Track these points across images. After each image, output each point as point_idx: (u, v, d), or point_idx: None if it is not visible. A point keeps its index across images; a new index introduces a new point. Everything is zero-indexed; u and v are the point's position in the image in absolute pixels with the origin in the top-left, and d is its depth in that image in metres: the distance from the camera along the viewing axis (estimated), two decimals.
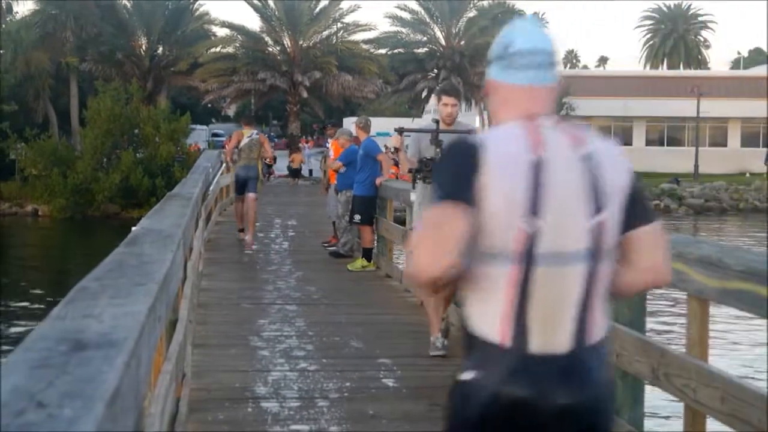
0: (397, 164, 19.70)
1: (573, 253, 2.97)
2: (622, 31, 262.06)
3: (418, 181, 9.50)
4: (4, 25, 67.56)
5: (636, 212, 3.15)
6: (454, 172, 2.96)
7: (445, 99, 9.44)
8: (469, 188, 2.91)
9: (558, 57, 3.21)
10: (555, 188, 2.95)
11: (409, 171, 9.60)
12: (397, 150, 10.27)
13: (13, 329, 21.72)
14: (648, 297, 6.50)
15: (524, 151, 2.96)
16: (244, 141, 18.56)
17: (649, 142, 74.36)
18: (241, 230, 19.20)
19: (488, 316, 3.00)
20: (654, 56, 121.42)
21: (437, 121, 9.41)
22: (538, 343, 2.97)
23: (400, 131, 10.05)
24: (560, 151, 3.00)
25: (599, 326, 3.06)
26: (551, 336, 2.97)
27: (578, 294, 3.00)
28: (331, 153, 18.26)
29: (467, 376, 3.11)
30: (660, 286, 3.39)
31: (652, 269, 3.21)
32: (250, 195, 18.39)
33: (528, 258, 2.93)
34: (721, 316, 17.59)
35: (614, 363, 6.13)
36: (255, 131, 19.09)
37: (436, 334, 9.35)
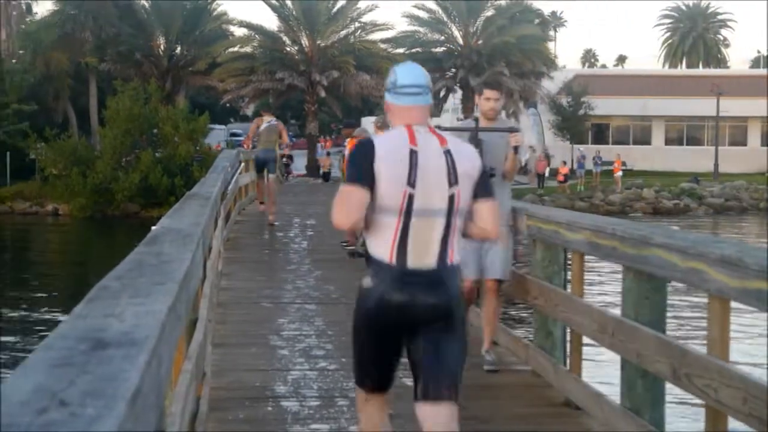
0: None
1: (436, 209, 4.69)
2: (640, 30, 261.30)
3: None
4: (23, 26, 67.81)
5: (479, 191, 4.84)
6: (357, 163, 4.71)
7: (488, 93, 8.85)
8: (367, 173, 4.63)
9: (429, 87, 4.97)
10: (425, 169, 4.67)
11: None
12: None
13: (35, 328, 21.79)
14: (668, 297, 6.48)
15: (405, 144, 4.71)
16: (263, 126, 20.96)
17: (668, 142, 74.17)
18: (262, 203, 22.51)
19: (382, 246, 4.72)
20: (673, 55, 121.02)
21: (477, 119, 8.82)
22: (413, 262, 4.68)
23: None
24: (429, 146, 4.75)
25: (455, 254, 4.77)
26: (422, 259, 4.68)
27: (439, 234, 4.70)
28: (347, 152, 18.29)
29: (367, 283, 4.77)
30: (489, 239, 5.56)
31: (484, 228, 4.90)
32: (271, 176, 20.92)
33: (407, 212, 4.66)
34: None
35: (636, 362, 6.12)
36: (273, 118, 21.44)
37: (487, 347, 8.92)
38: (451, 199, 4.69)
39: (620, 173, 58.32)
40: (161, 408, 2.99)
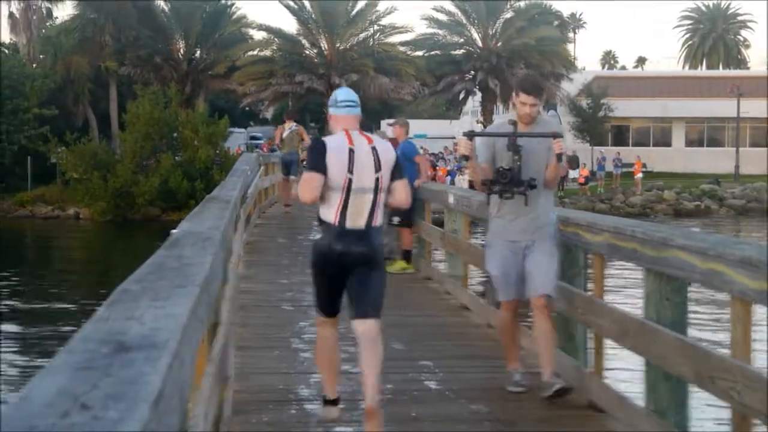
0: (434, 166, 19.62)
1: (367, 188, 6.60)
2: (660, 32, 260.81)
3: (493, 194, 7.80)
4: (44, 30, 68.09)
5: (395, 175, 6.75)
6: (315, 155, 6.61)
7: (524, 97, 7.83)
8: (321, 164, 6.53)
9: (358, 102, 6.96)
10: (359, 161, 6.59)
11: (483, 183, 7.80)
12: (466, 158, 8.00)
13: (57, 331, 21.85)
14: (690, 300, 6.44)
15: (345, 144, 6.62)
16: (286, 132, 23.61)
17: (688, 143, 73.97)
18: (287, 205, 24.87)
19: (330, 213, 6.61)
20: (693, 56, 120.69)
21: (515, 123, 7.80)
22: (350, 224, 6.58)
23: (471, 135, 8.02)
24: (361, 145, 6.66)
25: (378, 219, 6.67)
26: (356, 221, 6.58)
27: (368, 205, 6.61)
28: None
29: (318, 238, 6.80)
30: (402, 207, 7.45)
31: (397, 199, 6.82)
32: (292, 177, 23.66)
33: (347, 189, 6.55)
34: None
35: (658, 365, 6.08)
36: (294, 124, 24.10)
37: (515, 366, 7.96)
38: (377, 180, 6.66)
39: (640, 175, 58.18)
40: (184, 411, 2.99)
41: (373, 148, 6.68)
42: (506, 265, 7.93)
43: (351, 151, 6.58)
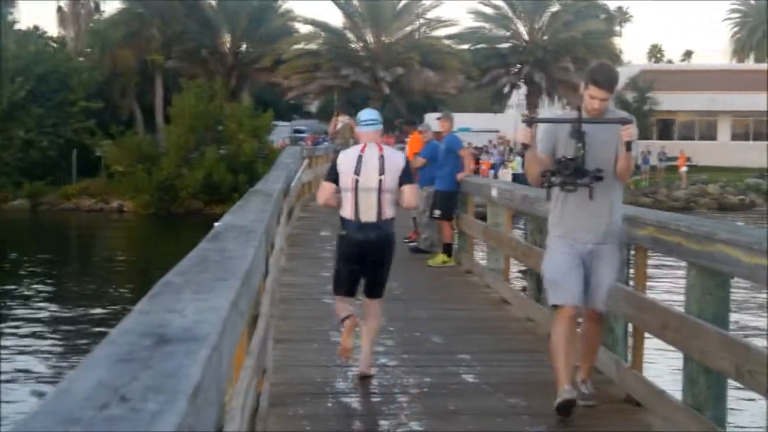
0: (477, 160, 19.60)
1: (372, 188, 7.97)
2: (708, 25, 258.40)
3: (553, 187, 7.15)
4: (91, 24, 68.49)
5: (402, 179, 8.11)
6: (330, 168, 8.37)
7: (594, 91, 6.98)
8: (333, 174, 8.19)
9: (379, 120, 8.41)
10: (365, 165, 8.02)
11: (542, 175, 7.11)
12: (526, 146, 7.28)
13: (99, 323, 22.02)
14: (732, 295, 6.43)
15: (357, 152, 8.13)
16: (339, 125, 24.77)
17: (734, 137, 73.24)
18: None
19: (346, 210, 8.07)
20: (740, 50, 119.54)
21: (579, 109, 7.12)
22: (364, 218, 7.99)
23: (531, 121, 7.39)
24: (371, 153, 8.08)
25: (388, 214, 8.06)
26: (368, 216, 7.98)
27: (375, 201, 7.99)
28: (406, 149, 18.46)
29: (342, 232, 8.21)
30: (410, 208, 8.61)
31: (405, 201, 8.18)
32: None
33: (355, 189, 7.99)
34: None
35: (698, 359, 6.08)
36: (347, 117, 25.52)
37: (566, 385, 7.03)
38: (380, 182, 8.08)
39: (685, 168, 57.75)
40: (221, 403, 3.03)
41: (381, 156, 8.17)
42: (566, 267, 7.10)
43: (360, 158, 8.15)
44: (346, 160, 8.18)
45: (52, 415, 1.80)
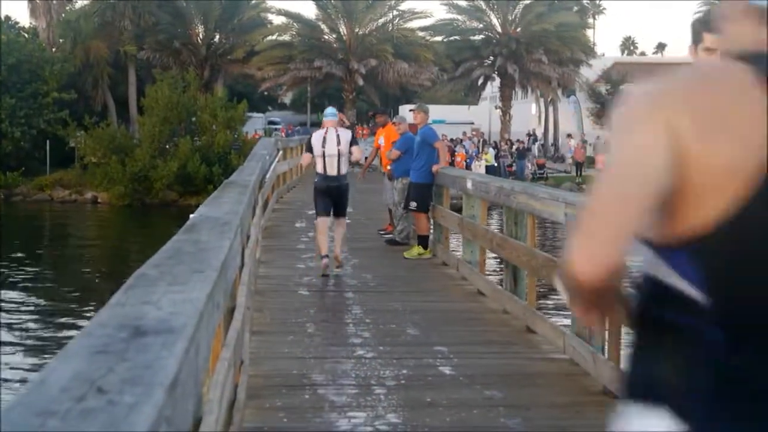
0: (452, 152, 19.54)
1: (333, 154, 13.81)
2: (680, 17, 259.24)
3: None
4: (63, 15, 68.20)
5: (352, 143, 13.96)
6: (307, 143, 14.40)
7: (711, 41, 5.23)
8: (308, 146, 14.15)
9: (334, 113, 14.57)
10: (327, 141, 13.83)
11: None
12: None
13: (74, 315, 21.95)
14: None
15: (322, 134, 13.96)
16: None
17: None
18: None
19: (318, 168, 13.96)
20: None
21: None
22: (329, 172, 13.91)
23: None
24: (331, 133, 13.90)
25: (344, 170, 13.99)
26: (331, 171, 13.90)
27: (336, 162, 13.85)
28: (381, 141, 18.38)
29: (316, 179, 14.15)
30: (357, 160, 14.96)
31: (354, 156, 14.08)
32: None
33: (323, 155, 13.83)
34: None
35: None
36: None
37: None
38: (338, 150, 13.65)
39: None
40: (199, 395, 3.00)
41: (337, 135, 13.78)
42: None
43: (324, 138, 13.77)
44: (316, 138, 13.89)
45: (28, 406, 1.78)
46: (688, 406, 2.16)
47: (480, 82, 67.89)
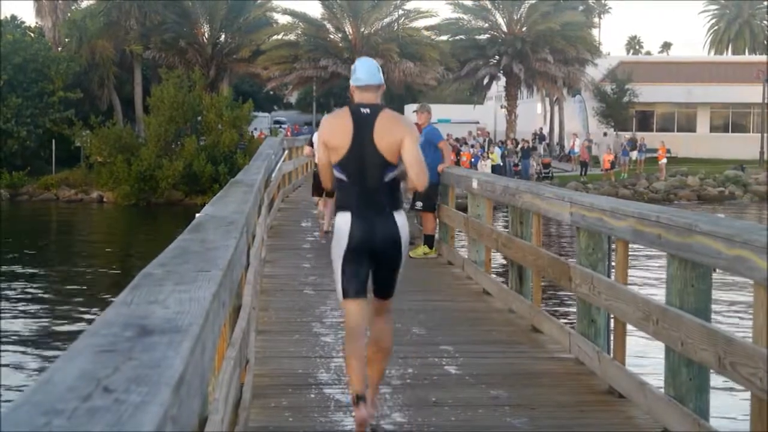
0: (458, 152, 19.56)
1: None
2: (686, 17, 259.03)
3: None
4: (69, 14, 68.23)
5: None
6: (308, 142, 19.26)
7: None
8: (311, 143, 17.55)
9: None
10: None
11: None
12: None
13: (80, 314, 21.96)
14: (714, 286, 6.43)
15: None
16: None
17: (713, 129, 73.48)
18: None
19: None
20: (719, 41, 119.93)
21: None
22: None
23: None
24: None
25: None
26: None
27: None
28: None
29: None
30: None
31: None
32: None
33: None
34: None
35: (680, 351, 6.08)
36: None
37: None
38: None
39: (665, 160, 57.86)
40: (204, 394, 3.01)
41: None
42: None
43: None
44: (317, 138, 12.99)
45: (35, 405, 1.79)
46: (352, 209, 6.47)
47: (485, 81, 67.77)
